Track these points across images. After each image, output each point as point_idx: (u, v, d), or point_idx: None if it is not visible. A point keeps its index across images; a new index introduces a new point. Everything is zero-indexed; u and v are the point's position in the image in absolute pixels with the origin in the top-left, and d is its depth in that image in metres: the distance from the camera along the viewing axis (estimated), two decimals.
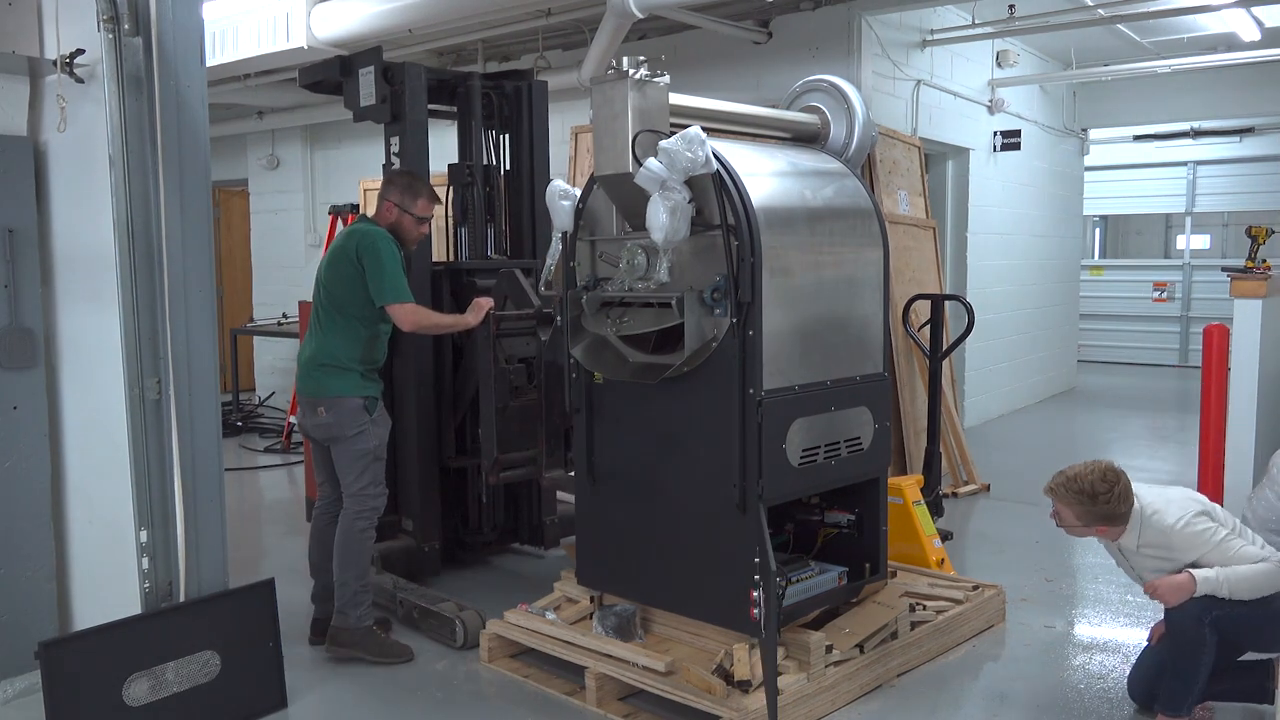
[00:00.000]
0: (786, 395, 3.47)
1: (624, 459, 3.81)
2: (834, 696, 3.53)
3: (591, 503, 3.95)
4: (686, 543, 3.62)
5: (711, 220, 3.41)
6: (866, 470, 3.84)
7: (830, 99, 4.11)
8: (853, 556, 3.92)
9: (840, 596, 3.86)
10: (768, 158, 3.80)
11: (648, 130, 3.38)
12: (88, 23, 3.23)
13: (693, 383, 3.51)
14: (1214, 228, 15.86)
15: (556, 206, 3.88)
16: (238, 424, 9.17)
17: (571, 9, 6.64)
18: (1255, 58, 8.74)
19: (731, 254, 3.35)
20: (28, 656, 3.18)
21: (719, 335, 3.41)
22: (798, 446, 3.50)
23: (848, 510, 3.91)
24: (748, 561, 3.38)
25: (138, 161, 3.22)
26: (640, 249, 3.53)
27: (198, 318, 3.37)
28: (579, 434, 3.93)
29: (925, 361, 6.58)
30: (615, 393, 3.79)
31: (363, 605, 4.00)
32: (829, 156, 4.04)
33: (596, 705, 3.53)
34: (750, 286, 3.34)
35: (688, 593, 3.65)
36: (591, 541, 3.99)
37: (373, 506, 4.03)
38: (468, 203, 5.03)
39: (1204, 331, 5.87)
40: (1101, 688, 3.77)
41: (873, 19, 7.10)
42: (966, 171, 8.82)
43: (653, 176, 3.31)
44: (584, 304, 3.76)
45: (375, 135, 5.07)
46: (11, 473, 3.57)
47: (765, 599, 3.34)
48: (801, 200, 3.71)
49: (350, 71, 4.81)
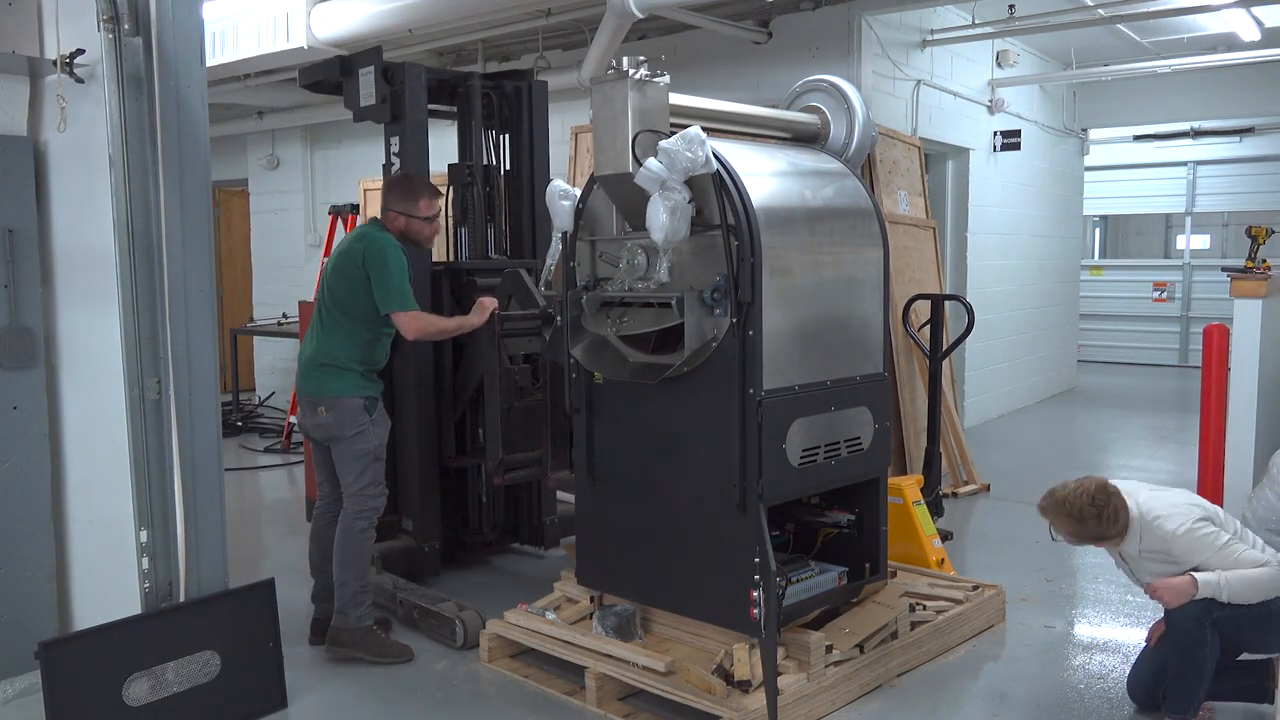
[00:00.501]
0: (786, 395, 3.47)
1: (624, 459, 3.81)
2: (834, 696, 3.53)
3: (591, 503, 3.95)
4: (686, 543, 3.62)
5: (711, 220, 3.41)
6: (866, 470, 3.84)
7: (830, 99, 4.11)
8: (853, 556, 3.92)
9: (840, 596, 3.86)
10: (768, 158, 3.80)
11: (648, 130, 3.38)
12: (88, 23, 3.23)
13: (693, 383, 3.51)
14: (1214, 228, 15.85)
15: (556, 206, 3.89)
16: (238, 424, 9.17)
17: (571, 9, 6.64)
18: (1255, 58, 8.74)
19: (731, 254, 3.35)
20: (28, 656, 3.18)
21: (719, 335, 3.41)
22: (798, 446, 3.50)
23: (848, 510, 3.91)
24: (748, 561, 3.38)
25: (138, 161, 3.22)
26: (640, 249, 3.53)
27: (198, 318, 3.37)
28: (579, 434, 3.94)
29: (925, 361, 6.58)
30: (615, 393, 3.79)
31: (363, 605, 3.99)
32: (829, 156, 4.04)
33: (596, 705, 3.53)
34: (750, 286, 3.34)
35: (688, 593, 3.65)
36: (591, 541, 3.99)
37: (372, 507, 4.02)
38: (468, 203, 5.03)
39: (1204, 331, 5.87)
40: (1101, 688, 3.77)
41: (873, 19, 7.10)
42: (966, 171, 8.82)
43: (653, 176, 3.31)
44: (584, 304, 3.76)
45: (375, 135, 5.07)
46: (11, 473, 3.57)
47: (765, 599, 3.34)
48: (801, 200, 3.71)
49: (350, 71, 4.81)
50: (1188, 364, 13.66)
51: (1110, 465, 7.89)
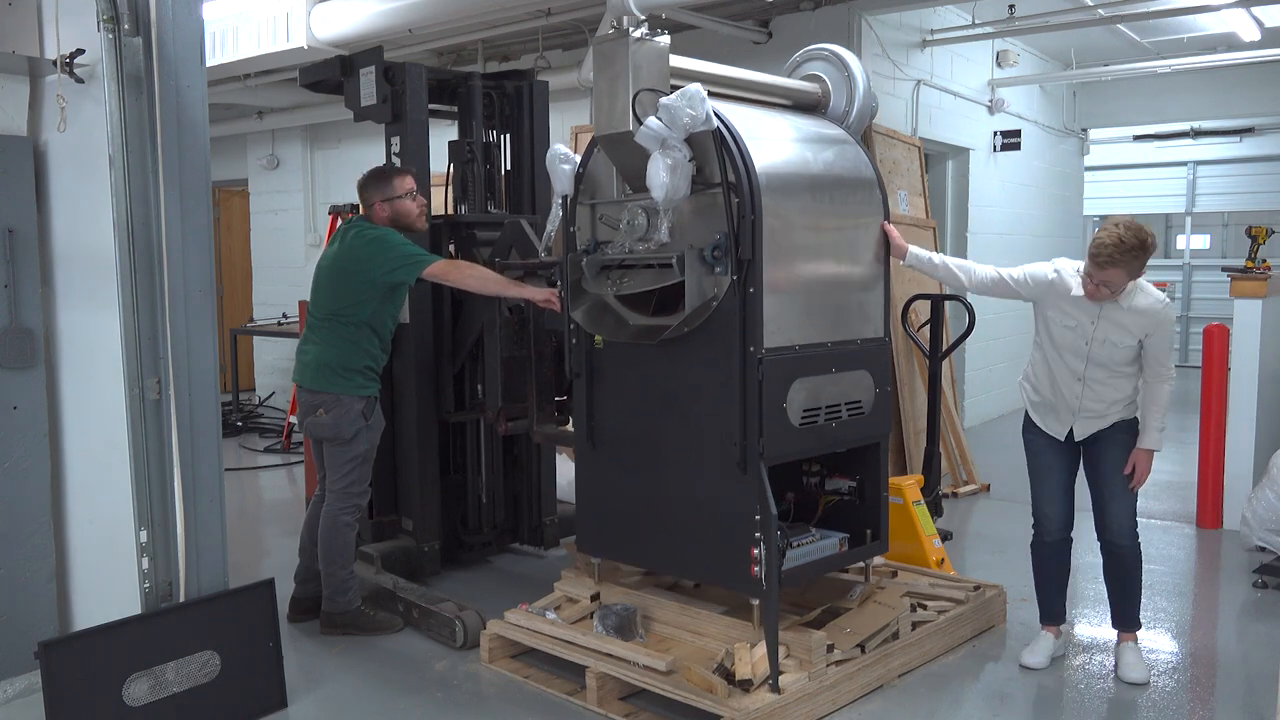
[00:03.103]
0: (787, 354, 3.46)
1: (624, 423, 3.80)
2: (835, 696, 3.53)
3: (591, 468, 3.93)
4: (688, 504, 3.61)
5: (712, 178, 3.40)
6: (868, 434, 3.81)
7: (831, 67, 4.08)
8: (854, 523, 3.90)
9: (842, 561, 3.85)
10: (769, 121, 3.78)
11: (648, 89, 3.38)
12: (88, 23, 3.22)
13: (693, 343, 3.50)
14: (1214, 228, 15.85)
15: (557, 170, 3.87)
16: (238, 424, 9.17)
17: (571, 9, 6.64)
18: (1255, 58, 8.74)
19: (732, 211, 3.34)
20: (28, 656, 3.18)
21: (719, 294, 3.40)
22: (798, 406, 3.49)
23: (848, 477, 3.90)
24: (749, 519, 3.37)
25: (138, 161, 3.22)
26: (640, 210, 3.52)
27: (198, 318, 3.37)
28: (578, 399, 3.91)
29: (925, 361, 6.58)
30: (615, 357, 3.78)
31: (350, 590, 4.19)
32: (830, 123, 4.02)
33: (597, 705, 3.53)
34: (751, 243, 3.33)
35: (689, 554, 3.64)
36: (591, 508, 3.96)
37: (356, 504, 4.17)
38: (468, 180, 5.01)
39: (1204, 331, 5.88)
40: (1101, 688, 3.77)
41: (873, 19, 7.11)
42: (966, 171, 8.82)
43: (653, 134, 3.30)
44: (584, 267, 3.75)
45: (375, 135, 5.07)
46: (11, 473, 3.57)
47: (766, 555, 3.33)
48: (802, 162, 3.70)
49: (351, 71, 4.81)
50: (1188, 364, 13.65)
51: None
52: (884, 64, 7.33)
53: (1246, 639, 4.41)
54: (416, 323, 4.76)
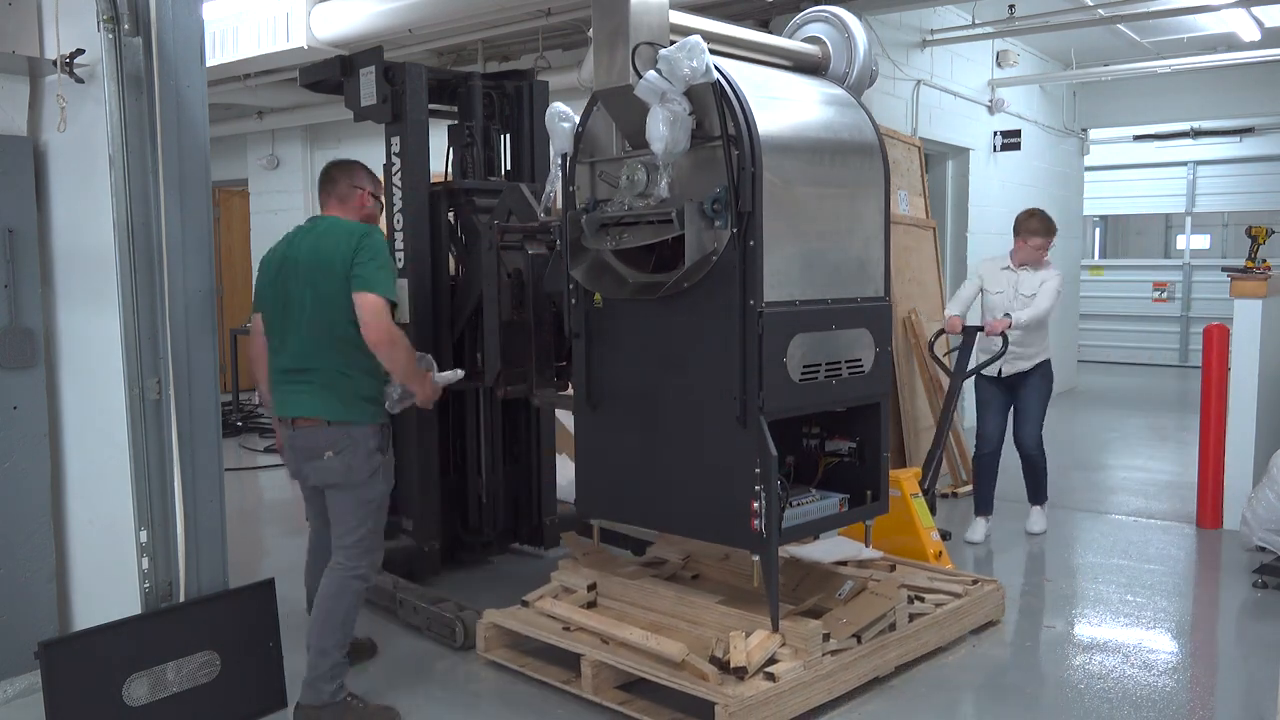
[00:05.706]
0: (788, 309, 3.44)
1: (624, 382, 3.77)
2: (830, 685, 3.52)
3: (591, 429, 3.90)
4: (687, 461, 3.59)
5: (711, 132, 3.38)
6: (868, 393, 3.79)
7: (832, 29, 4.06)
8: (854, 485, 3.89)
9: (842, 521, 3.84)
10: (769, 76, 3.77)
11: (647, 42, 3.36)
12: (88, 23, 3.23)
13: (693, 297, 3.48)
14: (1214, 228, 15.87)
15: (556, 128, 3.85)
16: (238, 424, 9.17)
17: (571, 9, 6.64)
18: (1255, 58, 8.75)
19: (732, 163, 3.32)
20: (28, 656, 3.18)
21: (719, 247, 3.38)
22: (798, 362, 3.47)
23: (848, 439, 3.89)
24: (749, 474, 3.36)
25: (138, 161, 3.22)
26: (640, 165, 3.50)
27: (198, 318, 3.37)
28: (578, 360, 3.89)
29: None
30: (615, 315, 3.76)
31: (339, 679, 3.41)
32: (831, 84, 4.00)
33: (593, 693, 3.53)
34: (751, 196, 3.32)
35: (689, 512, 3.63)
36: (591, 470, 3.93)
37: (371, 561, 3.50)
38: (467, 163, 5.00)
39: (1204, 331, 5.88)
40: (1101, 688, 3.77)
41: (873, 19, 7.10)
42: (966, 171, 8.82)
43: (653, 88, 3.28)
44: (583, 224, 3.72)
45: (375, 135, 5.06)
46: (11, 473, 3.57)
47: (767, 508, 3.33)
48: (803, 118, 3.69)
49: (351, 71, 4.81)
50: (1188, 364, 13.66)
51: (1110, 465, 7.89)
52: (884, 64, 7.32)
53: (1246, 639, 4.41)
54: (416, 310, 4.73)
